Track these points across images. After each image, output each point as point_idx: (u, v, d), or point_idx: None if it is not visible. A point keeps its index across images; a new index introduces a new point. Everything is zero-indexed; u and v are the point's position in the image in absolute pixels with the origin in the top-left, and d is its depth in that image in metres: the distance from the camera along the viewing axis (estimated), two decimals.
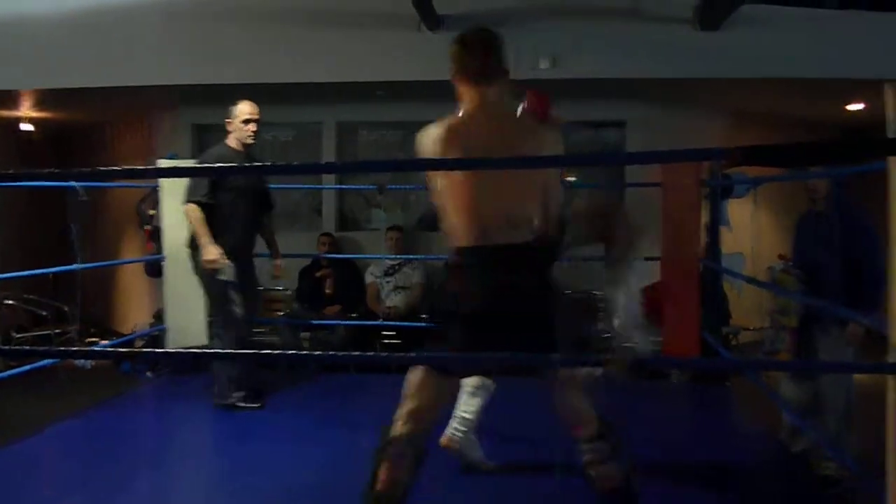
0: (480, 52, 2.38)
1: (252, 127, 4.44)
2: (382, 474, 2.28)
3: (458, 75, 2.38)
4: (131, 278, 7.63)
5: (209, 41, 6.08)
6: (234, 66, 6.07)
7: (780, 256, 4.27)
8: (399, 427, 2.32)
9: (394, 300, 6.65)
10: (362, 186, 7.21)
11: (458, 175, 2.30)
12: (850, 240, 3.78)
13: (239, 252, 4.33)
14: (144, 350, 4.26)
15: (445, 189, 2.33)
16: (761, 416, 4.19)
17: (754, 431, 4.00)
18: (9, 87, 6.54)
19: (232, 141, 4.48)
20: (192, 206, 4.23)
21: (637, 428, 3.87)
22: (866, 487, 2.53)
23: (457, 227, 2.33)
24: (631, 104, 6.97)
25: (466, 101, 2.39)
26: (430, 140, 2.33)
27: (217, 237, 4.21)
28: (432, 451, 2.44)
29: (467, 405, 3.22)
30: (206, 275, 4.24)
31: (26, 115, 7.97)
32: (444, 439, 3.16)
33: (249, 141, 4.44)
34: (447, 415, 3.07)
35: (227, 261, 4.17)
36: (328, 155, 7.43)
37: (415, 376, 2.34)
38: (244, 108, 4.46)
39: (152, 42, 6.08)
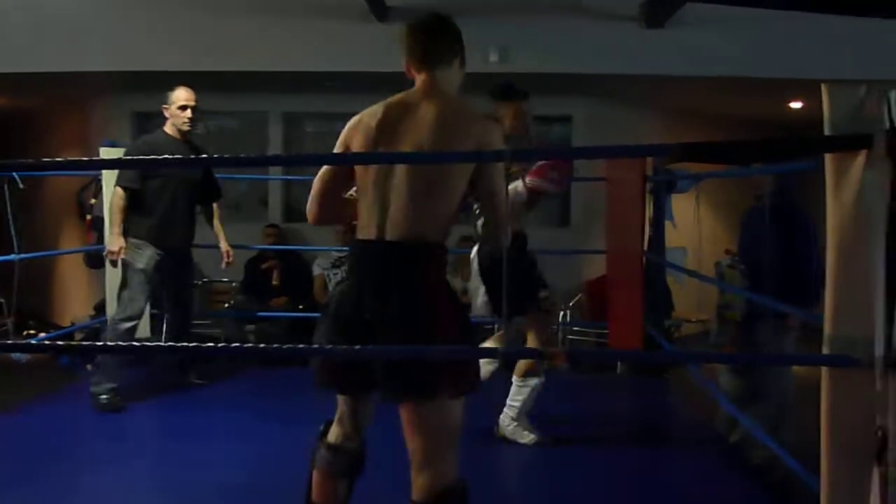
0: (423, 37, 2.24)
1: (188, 113, 4.34)
2: (315, 481, 2.17)
3: (405, 60, 2.25)
4: (71, 269, 7.45)
5: (151, 27, 5.95)
6: (176, 53, 5.95)
7: (727, 251, 4.36)
8: (331, 432, 2.19)
9: None
10: (309, 177, 7.10)
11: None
12: (790, 235, 3.89)
13: (166, 241, 4.28)
14: (83, 343, 4.16)
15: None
16: (699, 407, 4.28)
17: (691, 421, 4.09)
18: None
19: (169, 127, 4.39)
20: (118, 191, 4.19)
21: (577, 419, 3.95)
22: (800, 476, 2.60)
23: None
24: (578, 100, 7.05)
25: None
26: (349, 122, 2.21)
27: (143, 224, 4.21)
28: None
29: (515, 395, 3.53)
30: (123, 262, 4.22)
31: None
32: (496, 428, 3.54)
33: (186, 128, 4.36)
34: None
35: (125, 254, 4.15)
36: (274, 145, 7.35)
37: None
38: (180, 94, 4.36)
39: (92, 27, 5.93)
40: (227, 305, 6.87)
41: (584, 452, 3.55)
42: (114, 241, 4.14)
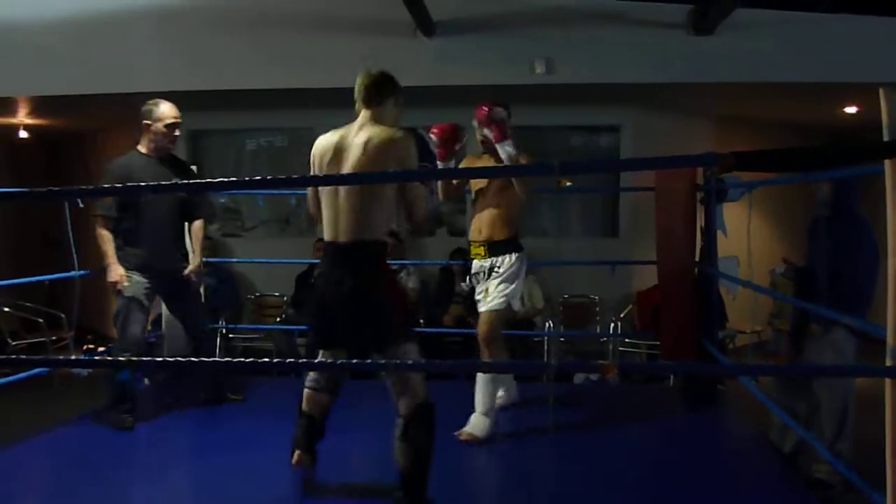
0: (365, 84, 3.02)
1: (175, 133, 4.09)
2: (306, 396, 3.10)
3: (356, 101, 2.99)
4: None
5: (204, 47, 6.08)
6: (228, 73, 6.07)
7: (785, 260, 4.27)
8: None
9: None
10: None
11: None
12: (848, 244, 3.80)
13: (153, 268, 4.06)
14: (140, 359, 4.23)
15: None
16: (754, 419, 4.19)
17: (746, 434, 4.00)
18: (4, 94, 6.53)
19: (145, 146, 4.10)
20: (98, 221, 4.00)
21: (631, 431, 3.90)
22: (861, 489, 2.53)
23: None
24: (625, 109, 7.00)
25: None
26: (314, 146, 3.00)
27: (126, 253, 4.01)
28: None
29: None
30: (114, 291, 4.03)
31: (21, 122, 7.96)
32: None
33: (170, 146, 4.11)
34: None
35: (127, 282, 3.96)
36: None
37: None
38: (167, 112, 4.06)
39: (146, 49, 6.08)
40: (278, 319, 6.95)
41: (635, 464, 3.50)
42: (111, 271, 3.96)
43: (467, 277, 4.05)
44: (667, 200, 4.79)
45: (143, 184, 3.70)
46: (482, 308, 3.82)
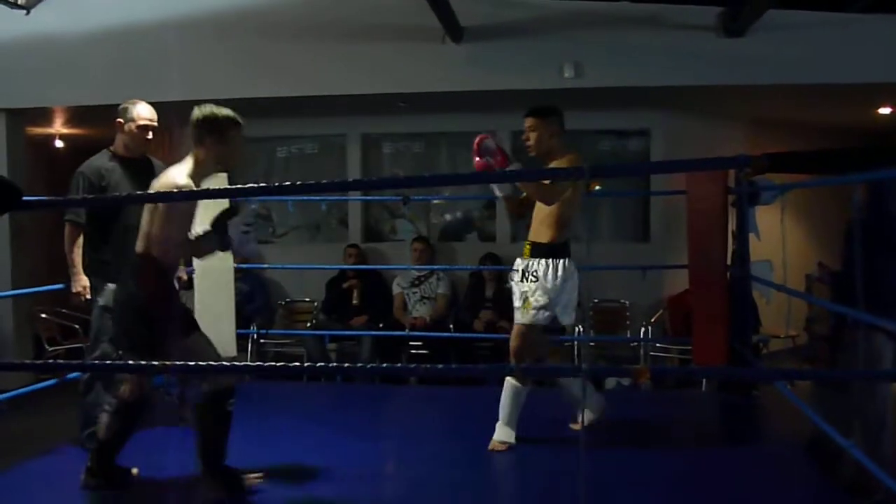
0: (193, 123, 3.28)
1: (149, 135, 3.87)
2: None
3: None
4: None
5: (228, 55, 6.16)
6: (255, 80, 6.15)
7: (820, 264, 4.21)
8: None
9: (420, 311, 6.67)
10: (387, 198, 7.24)
11: None
12: (885, 247, 3.74)
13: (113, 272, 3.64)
14: (173, 363, 4.28)
15: None
16: (787, 425, 4.14)
17: (779, 440, 3.95)
18: (40, 105, 6.67)
19: (119, 147, 3.87)
20: (66, 227, 3.80)
21: (662, 436, 3.87)
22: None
23: None
24: (655, 112, 6.95)
25: None
26: None
27: (95, 260, 3.78)
28: None
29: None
30: (78, 302, 3.84)
31: (57, 131, 8.10)
32: None
33: (143, 148, 3.88)
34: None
35: (88, 293, 3.75)
36: (353, 167, 7.48)
37: None
38: (143, 112, 3.85)
39: (179, 59, 6.17)
40: (308, 325, 7.00)
41: (666, 470, 3.48)
42: (74, 281, 3.76)
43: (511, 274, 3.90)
44: (698, 204, 4.75)
45: (182, 191, 3.63)
46: (515, 318, 3.73)
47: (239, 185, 2.84)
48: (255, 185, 2.66)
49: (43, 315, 7.15)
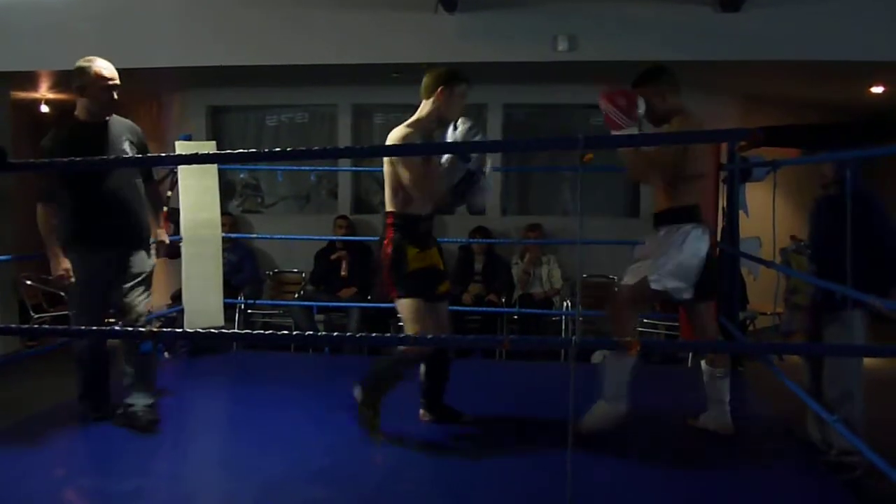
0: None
1: (115, 94, 3.52)
2: None
3: None
4: None
5: (224, 23, 6.08)
6: (249, 48, 6.07)
7: (793, 237, 4.23)
8: None
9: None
10: (377, 169, 7.17)
11: None
12: (866, 223, 3.76)
13: (109, 242, 3.51)
14: (161, 330, 4.26)
15: None
16: (772, 399, 4.17)
17: (763, 414, 3.98)
18: (26, 68, 6.56)
19: (82, 112, 3.53)
20: (38, 210, 3.48)
21: (647, 410, 3.88)
22: (883, 476, 2.51)
23: None
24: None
25: None
26: None
27: (80, 224, 3.48)
28: None
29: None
30: (61, 287, 3.60)
31: (43, 96, 7.99)
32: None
33: (109, 110, 3.55)
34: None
35: (71, 274, 3.43)
36: (343, 138, 7.43)
37: None
38: (104, 68, 3.49)
39: (168, 23, 6.09)
40: (296, 296, 6.99)
41: (651, 444, 3.49)
42: (54, 264, 3.44)
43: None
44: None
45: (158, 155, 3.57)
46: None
47: (228, 151, 2.77)
48: (245, 151, 2.60)
49: (28, 282, 7.10)
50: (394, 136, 3.32)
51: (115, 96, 3.53)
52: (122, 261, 3.53)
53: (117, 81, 3.53)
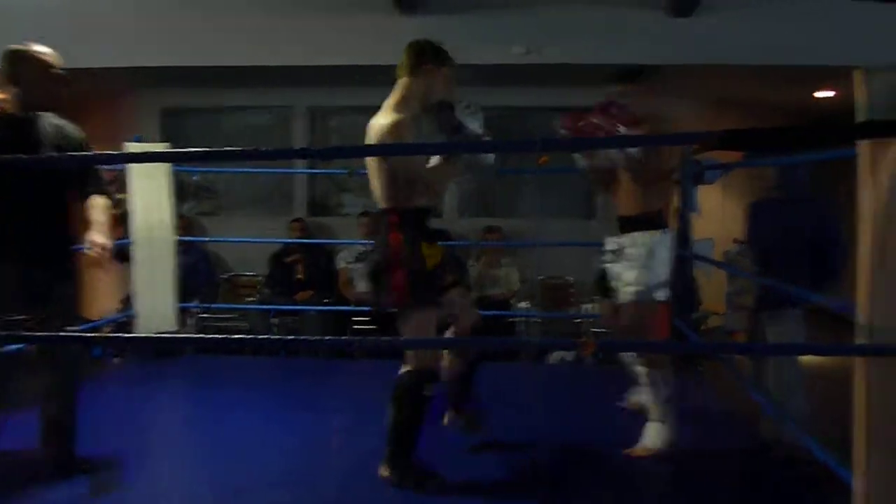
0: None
1: (63, 86, 3.09)
2: None
3: None
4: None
5: (177, 23, 5.99)
6: (202, 49, 5.99)
7: (736, 240, 4.34)
8: None
9: (366, 286, 6.63)
10: (333, 171, 7.16)
11: None
12: (810, 224, 3.87)
13: (15, 254, 2.97)
14: (111, 335, 4.18)
15: None
16: (727, 397, 4.24)
17: (719, 412, 4.05)
18: None
19: (15, 105, 2.99)
20: None
21: (601, 410, 3.92)
22: (828, 466, 2.57)
23: None
24: (604, 90, 6.97)
25: None
26: None
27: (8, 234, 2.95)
28: None
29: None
30: None
31: None
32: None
33: (54, 101, 3.10)
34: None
35: None
36: (299, 140, 7.38)
37: None
38: (49, 56, 3.05)
39: (118, 24, 5.98)
40: (252, 299, 6.91)
41: (604, 440, 3.52)
42: None
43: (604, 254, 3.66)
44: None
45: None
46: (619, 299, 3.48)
47: (179, 150, 2.72)
48: (199, 150, 2.53)
49: None
50: (381, 125, 2.91)
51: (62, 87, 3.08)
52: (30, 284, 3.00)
53: (63, 72, 3.09)
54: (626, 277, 3.40)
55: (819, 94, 7.41)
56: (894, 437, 1.66)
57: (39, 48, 3.06)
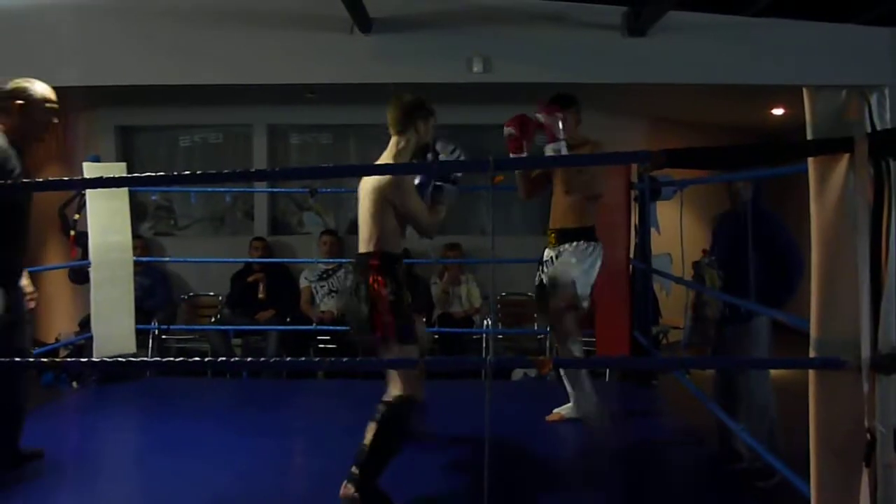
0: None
1: (55, 119, 3.27)
2: None
3: None
4: (55, 285, 7.39)
5: (132, 41, 5.92)
6: (158, 67, 5.92)
7: (704, 251, 4.41)
8: None
9: (328, 304, 6.60)
10: (294, 190, 7.12)
11: None
12: (768, 238, 3.95)
13: (14, 276, 3.15)
14: (68, 360, 4.09)
15: None
16: (686, 413, 4.29)
17: (678, 427, 4.09)
18: None
19: (15, 132, 3.14)
20: None
21: (563, 425, 3.94)
22: (789, 480, 2.61)
23: None
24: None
25: None
26: None
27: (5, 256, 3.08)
28: None
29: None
30: None
31: None
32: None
33: (44, 134, 3.28)
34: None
35: None
36: (259, 158, 7.34)
37: None
38: (47, 92, 3.25)
39: (73, 41, 5.89)
40: (213, 319, 6.83)
41: (566, 456, 3.55)
42: None
43: (539, 267, 3.91)
44: (603, 198, 4.86)
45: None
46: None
47: (137, 174, 2.69)
48: (157, 175, 2.48)
49: None
50: (387, 178, 3.14)
51: (55, 121, 3.28)
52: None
53: (57, 107, 3.29)
54: (558, 273, 3.68)
55: (774, 112, 7.59)
56: (846, 449, 1.70)
57: (37, 83, 3.27)
